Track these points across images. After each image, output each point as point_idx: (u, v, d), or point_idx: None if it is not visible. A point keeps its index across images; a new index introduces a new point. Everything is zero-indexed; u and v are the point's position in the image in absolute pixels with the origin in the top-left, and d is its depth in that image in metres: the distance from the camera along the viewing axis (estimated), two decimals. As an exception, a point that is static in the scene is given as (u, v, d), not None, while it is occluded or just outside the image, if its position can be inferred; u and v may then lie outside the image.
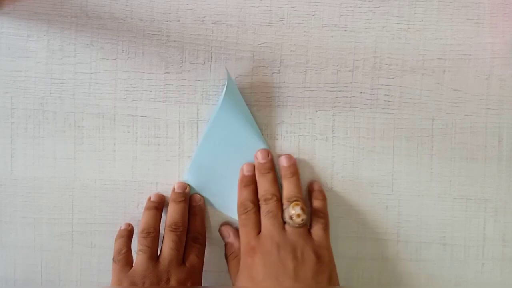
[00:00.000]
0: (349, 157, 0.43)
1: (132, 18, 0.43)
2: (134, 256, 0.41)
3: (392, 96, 0.42)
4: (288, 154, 0.42)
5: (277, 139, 0.43)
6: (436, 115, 0.42)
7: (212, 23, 0.43)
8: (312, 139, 0.43)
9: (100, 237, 0.44)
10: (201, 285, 0.42)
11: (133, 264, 0.40)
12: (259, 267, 0.38)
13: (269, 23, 0.42)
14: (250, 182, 0.42)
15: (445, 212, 0.43)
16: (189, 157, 0.43)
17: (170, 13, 0.43)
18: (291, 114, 0.43)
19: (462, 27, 0.42)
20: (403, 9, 0.42)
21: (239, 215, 0.41)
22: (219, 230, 0.44)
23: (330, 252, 0.40)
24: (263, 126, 0.43)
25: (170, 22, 0.43)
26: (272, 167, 0.42)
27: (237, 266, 0.40)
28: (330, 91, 0.43)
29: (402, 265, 0.43)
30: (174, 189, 0.43)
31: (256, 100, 0.43)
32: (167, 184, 0.43)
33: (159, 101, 0.43)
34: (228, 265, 0.42)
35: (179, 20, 0.43)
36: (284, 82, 0.43)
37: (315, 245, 0.39)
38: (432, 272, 0.43)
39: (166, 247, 0.40)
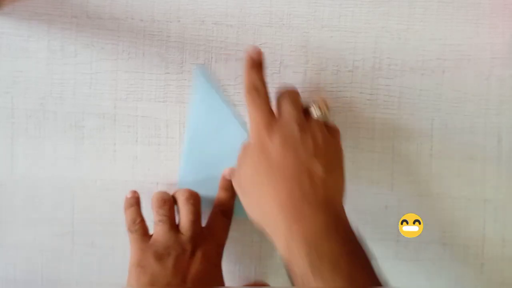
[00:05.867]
0: (349, 157, 0.43)
1: (132, 18, 0.43)
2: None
3: (391, 96, 0.43)
4: None
5: (277, 139, 0.43)
6: (435, 115, 0.43)
7: (212, 23, 0.43)
8: (312, 139, 0.43)
9: (100, 237, 0.44)
10: (221, 258, 0.41)
11: (153, 234, 0.40)
12: (276, 139, 0.35)
13: (269, 23, 0.43)
14: (259, 64, 0.38)
15: (445, 212, 0.43)
16: (189, 157, 0.43)
17: (170, 13, 0.43)
18: (291, 114, 0.43)
19: (462, 27, 0.42)
20: (402, 10, 0.42)
21: (247, 94, 0.37)
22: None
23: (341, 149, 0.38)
24: (263, 126, 0.43)
25: (171, 22, 0.43)
26: None
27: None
28: (330, 91, 0.43)
29: (402, 265, 0.43)
30: None
31: (256, 100, 0.43)
32: (168, 184, 0.43)
33: (160, 101, 0.43)
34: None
35: (179, 21, 0.43)
36: (284, 83, 0.43)
37: (332, 138, 0.37)
38: (431, 272, 0.43)
39: (186, 219, 0.39)
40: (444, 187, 0.43)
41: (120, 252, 0.44)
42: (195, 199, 0.41)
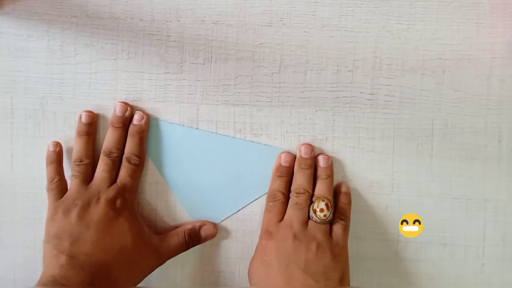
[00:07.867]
0: (349, 157, 0.43)
1: (132, 18, 0.43)
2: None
3: (392, 96, 0.43)
4: (327, 155, 0.43)
5: (277, 139, 0.43)
6: (436, 115, 0.42)
7: (212, 23, 0.43)
8: (312, 139, 0.43)
9: (100, 237, 0.44)
10: (134, 205, 0.42)
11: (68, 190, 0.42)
12: (272, 251, 0.39)
13: (269, 23, 0.42)
14: (285, 173, 0.42)
15: (445, 212, 0.43)
16: (189, 157, 0.43)
17: (170, 13, 0.43)
18: (291, 114, 0.43)
19: (462, 27, 0.42)
20: (403, 9, 0.42)
21: (267, 201, 0.42)
22: None
23: (346, 253, 0.40)
24: (263, 126, 0.43)
25: (170, 22, 0.43)
26: (312, 164, 0.42)
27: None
28: (330, 91, 0.43)
29: (402, 265, 0.43)
30: (114, 110, 0.43)
31: (256, 100, 0.43)
32: (168, 184, 0.43)
33: (159, 101, 0.43)
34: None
35: (179, 20, 0.43)
36: (284, 82, 0.43)
37: (332, 243, 0.39)
38: (432, 272, 0.43)
39: (99, 170, 0.41)
40: (444, 187, 0.43)
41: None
42: (112, 153, 0.41)
